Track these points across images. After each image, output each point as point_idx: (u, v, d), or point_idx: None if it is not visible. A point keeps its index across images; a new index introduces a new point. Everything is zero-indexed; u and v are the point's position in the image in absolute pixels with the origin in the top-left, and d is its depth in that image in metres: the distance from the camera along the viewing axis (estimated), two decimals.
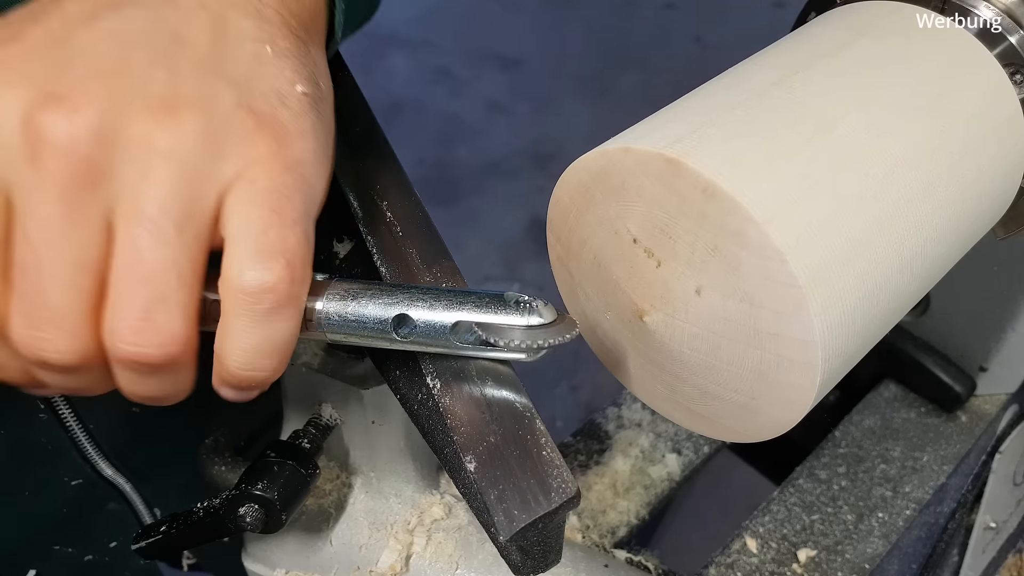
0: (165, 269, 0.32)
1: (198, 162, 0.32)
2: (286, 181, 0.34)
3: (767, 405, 0.39)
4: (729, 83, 0.43)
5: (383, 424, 0.51)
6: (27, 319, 0.33)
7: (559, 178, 0.41)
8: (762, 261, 0.35)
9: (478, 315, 0.37)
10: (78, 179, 0.31)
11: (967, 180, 0.44)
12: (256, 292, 0.33)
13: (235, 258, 0.33)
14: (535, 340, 0.37)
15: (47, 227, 0.31)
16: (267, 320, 0.34)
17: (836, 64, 0.43)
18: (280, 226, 0.33)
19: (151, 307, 0.32)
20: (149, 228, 0.32)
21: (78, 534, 0.63)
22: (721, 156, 0.36)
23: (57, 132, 0.31)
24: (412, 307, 0.37)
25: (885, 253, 0.39)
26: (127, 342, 0.33)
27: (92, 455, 0.60)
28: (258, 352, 0.34)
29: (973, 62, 0.46)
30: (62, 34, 0.32)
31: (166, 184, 0.32)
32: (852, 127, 0.40)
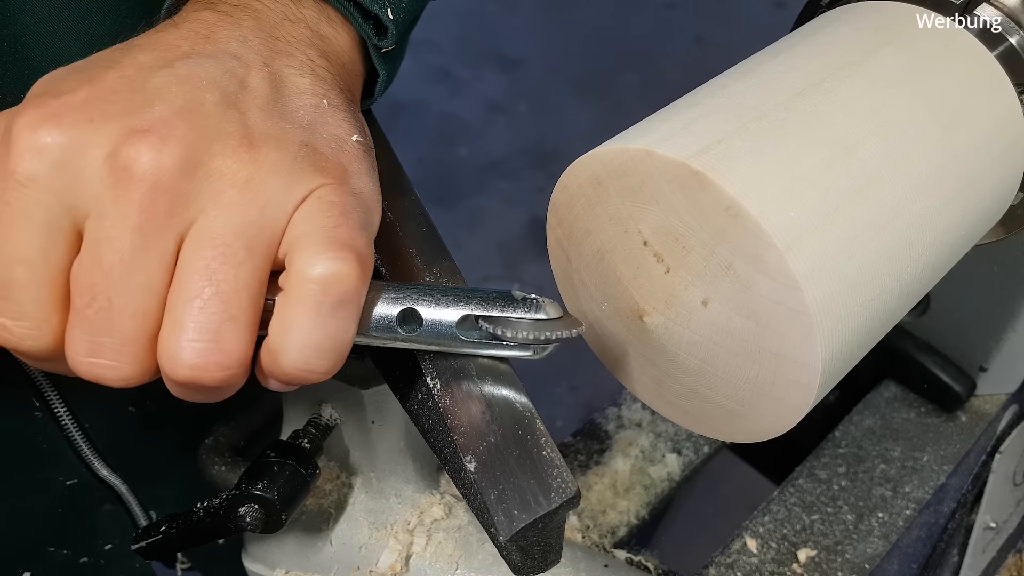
0: (236, 290, 0.33)
1: (272, 191, 0.34)
2: (351, 200, 0.36)
3: (755, 414, 0.39)
4: (751, 85, 0.42)
5: (383, 424, 0.51)
6: (90, 346, 0.34)
7: (571, 165, 0.41)
8: (776, 286, 0.35)
9: (485, 310, 0.37)
10: (159, 209, 0.32)
11: (971, 203, 0.44)
12: (328, 281, 0.33)
13: (305, 252, 0.34)
14: (542, 334, 0.37)
15: (123, 255, 0.32)
16: (332, 315, 0.34)
17: (857, 78, 0.42)
18: (349, 227, 0.35)
19: (221, 327, 0.33)
20: (223, 251, 0.33)
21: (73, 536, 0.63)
22: (747, 174, 0.36)
23: (144, 163, 0.32)
24: (418, 303, 0.37)
25: (888, 280, 0.40)
26: (190, 365, 0.33)
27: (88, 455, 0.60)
28: (317, 350, 0.34)
29: (984, 76, 0.46)
30: (137, 79, 0.34)
31: (241, 211, 0.33)
32: (872, 152, 0.40)
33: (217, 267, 0.33)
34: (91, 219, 0.33)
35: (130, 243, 0.32)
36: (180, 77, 0.35)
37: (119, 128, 0.33)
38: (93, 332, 0.33)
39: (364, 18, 0.42)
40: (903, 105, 0.42)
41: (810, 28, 0.48)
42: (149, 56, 0.35)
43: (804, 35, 0.47)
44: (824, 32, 0.47)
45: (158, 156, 0.32)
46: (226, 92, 0.35)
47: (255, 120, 0.35)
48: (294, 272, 0.34)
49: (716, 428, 0.42)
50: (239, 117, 0.35)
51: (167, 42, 0.36)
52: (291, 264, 0.34)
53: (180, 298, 0.33)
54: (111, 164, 0.32)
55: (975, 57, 0.46)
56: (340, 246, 0.34)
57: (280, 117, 0.36)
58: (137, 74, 0.34)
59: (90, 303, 0.33)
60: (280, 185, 0.34)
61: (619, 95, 2.67)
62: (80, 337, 0.33)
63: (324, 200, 0.35)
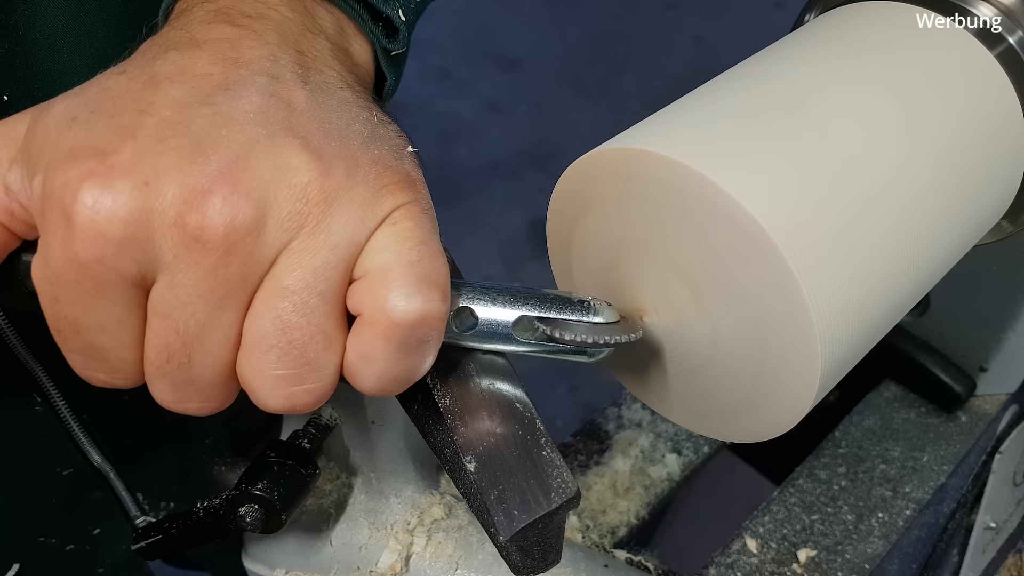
0: (312, 335, 0.33)
1: (344, 227, 0.33)
2: (425, 221, 0.34)
3: (755, 414, 0.40)
4: (751, 86, 0.42)
5: (383, 424, 0.51)
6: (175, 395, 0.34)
7: (571, 165, 0.41)
8: (776, 286, 0.36)
9: (541, 311, 0.37)
10: (231, 272, 0.31)
11: (971, 203, 0.44)
12: (415, 323, 0.33)
13: (389, 289, 0.32)
14: (600, 338, 0.37)
15: (198, 317, 0.32)
16: (416, 351, 0.34)
17: (857, 78, 0.42)
18: (431, 257, 0.33)
19: (301, 372, 0.33)
20: (294, 301, 0.32)
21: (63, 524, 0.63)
22: (747, 176, 0.36)
23: (213, 229, 0.31)
24: (474, 301, 0.37)
25: (888, 280, 0.40)
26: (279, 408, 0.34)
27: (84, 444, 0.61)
28: (396, 382, 0.34)
29: (983, 76, 0.46)
30: (180, 122, 0.32)
31: (310, 257, 0.32)
32: (872, 153, 0.40)
33: (289, 317, 0.32)
34: (161, 285, 0.32)
35: (205, 307, 0.32)
36: (224, 116, 0.32)
37: (178, 189, 0.31)
38: (176, 384, 0.34)
39: (374, 20, 0.42)
40: (903, 106, 0.42)
41: (810, 28, 0.48)
42: (181, 90, 0.33)
43: (804, 36, 0.47)
44: (824, 33, 0.47)
45: (226, 219, 0.31)
46: (276, 119, 0.33)
47: (318, 143, 0.33)
48: (377, 306, 0.33)
49: (716, 428, 0.42)
50: (300, 144, 0.33)
51: (196, 70, 0.34)
52: (371, 297, 0.33)
53: (256, 347, 0.33)
54: (179, 233, 0.31)
55: (975, 57, 0.46)
56: (428, 285, 0.33)
57: (340, 134, 0.34)
58: (178, 115, 0.32)
59: (168, 360, 0.33)
60: (352, 219, 0.33)
61: (619, 95, 2.67)
62: (165, 388, 0.34)
63: (401, 226, 0.33)
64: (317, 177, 0.32)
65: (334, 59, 0.39)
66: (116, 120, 0.32)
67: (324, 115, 0.35)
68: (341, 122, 0.35)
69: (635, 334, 0.37)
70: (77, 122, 0.32)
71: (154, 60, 0.34)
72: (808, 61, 0.44)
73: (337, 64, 0.39)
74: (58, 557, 0.63)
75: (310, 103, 0.35)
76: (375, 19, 0.42)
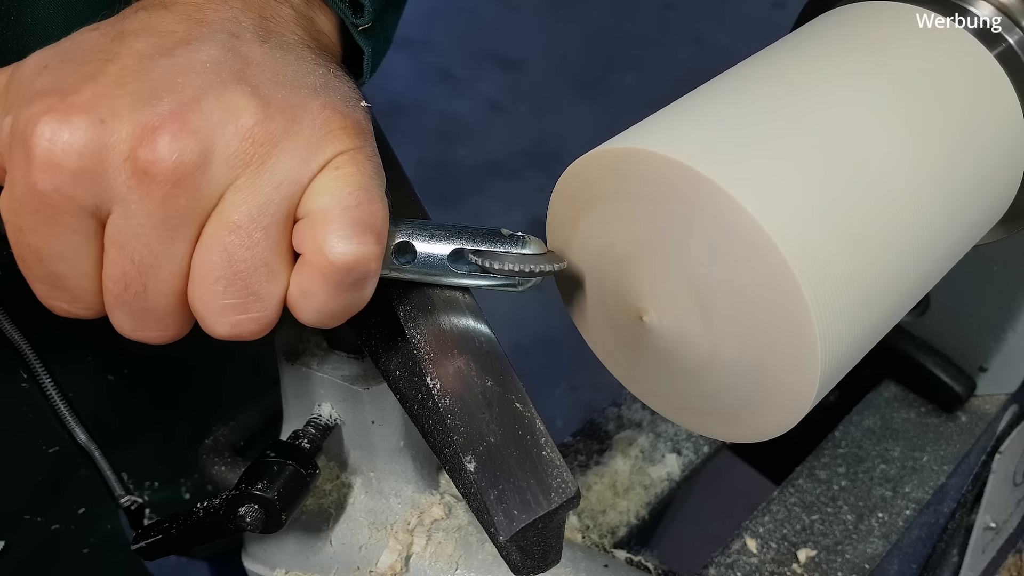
0: (256, 268, 0.35)
1: (288, 167, 0.35)
2: (369, 168, 0.37)
3: (755, 414, 0.40)
4: (751, 86, 0.42)
5: (383, 424, 0.51)
6: (134, 323, 0.37)
7: (571, 164, 0.41)
8: (777, 286, 0.36)
9: (475, 244, 0.39)
10: (181, 204, 0.34)
11: (971, 203, 0.44)
12: (351, 265, 0.35)
13: (328, 230, 0.35)
14: (526, 266, 0.39)
15: (151, 247, 0.34)
16: (351, 291, 0.36)
17: (858, 79, 0.42)
18: (370, 202, 0.36)
19: (246, 302, 0.35)
20: (239, 234, 0.34)
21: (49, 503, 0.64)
22: (747, 176, 0.36)
23: (162, 164, 0.33)
24: (413, 236, 0.39)
25: (888, 280, 0.40)
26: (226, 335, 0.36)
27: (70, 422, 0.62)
28: (333, 315, 0.37)
29: (983, 76, 0.46)
30: (140, 70, 0.34)
31: (255, 194, 0.34)
32: (873, 154, 0.40)
33: (236, 249, 0.34)
34: (116, 216, 0.34)
35: (156, 237, 0.34)
36: (182, 66, 0.35)
37: (131, 127, 0.33)
38: (133, 311, 0.36)
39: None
40: (903, 106, 0.42)
41: (810, 28, 0.48)
42: (145, 44, 0.35)
43: (804, 36, 0.47)
44: (824, 33, 0.47)
45: (175, 155, 0.33)
46: (231, 70, 0.35)
47: (267, 91, 0.35)
48: (316, 247, 0.35)
49: (716, 428, 0.42)
50: (250, 91, 0.35)
51: (161, 27, 0.36)
52: (311, 237, 0.35)
53: (205, 278, 0.35)
54: (131, 167, 0.33)
55: (975, 57, 0.46)
56: (363, 228, 0.35)
57: (292, 83, 0.36)
58: (139, 65, 0.34)
59: (125, 289, 0.35)
60: (295, 160, 0.35)
61: (619, 95, 2.67)
62: (123, 316, 0.36)
63: (344, 171, 0.36)
64: (263, 120, 0.35)
65: (297, 25, 0.40)
66: (82, 68, 0.35)
67: (279, 67, 0.37)
68: (295, 74, 0.37)
69: (560, 264, 0.40)
70: (48, 69, 0.35)
71: (124, 18, 0.37)
72: (808, 61, 0.44)
73: (300, 31, 0.40)
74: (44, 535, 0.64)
75: (266, 57, 0.37)
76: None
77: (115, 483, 0.65)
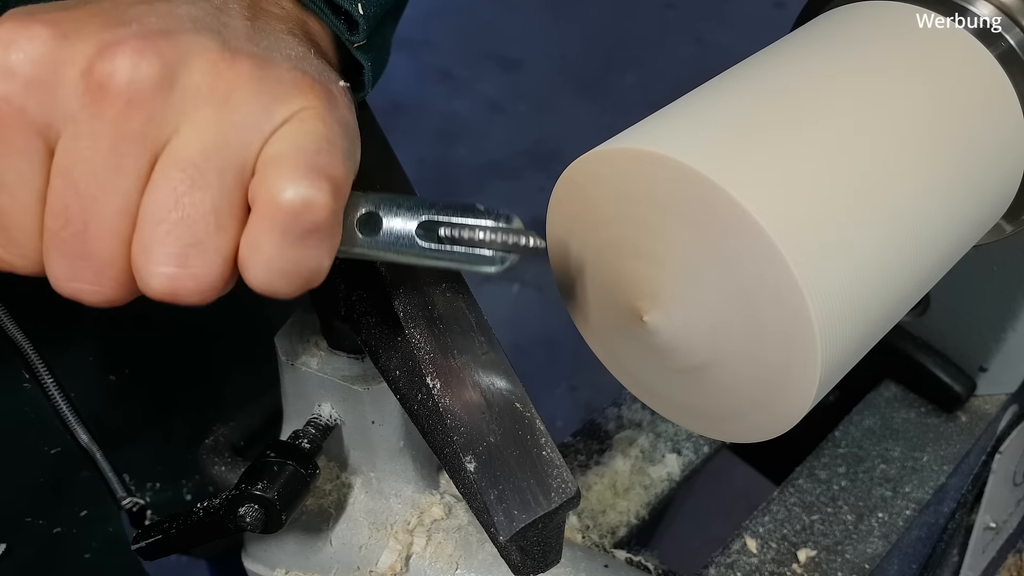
0: (203, 214, 0.32)
1: (250, 110, 0.33)
2: (336, 129, 0.34)
3: (755, 414, 0.40)
4: (751, 86, 0.42)
5: (383, 424, 0.51)
6: (69, 269, 0.33)
7: (571, 164, 0.41)
8: (777, 287, 0.36)
9: (446, 216, 0.36)
10: (132, 127, 0.31)
11: (971, 203, 0.44)
12: (298, 209, 0.32)
13: (279, 173, 0.32)
14: (500, 237, 0.35)
15: (97, 176, 0.32)
16: (300, 243, 0.33)
17: (858, 79, 0.42)
18: (330, 153, 0.33)
19: (188, 252, 0.32)
20: (191, 174, 0.32)
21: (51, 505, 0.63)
22: (748, 176, 0.36)
23: (118, 77, 0.31)
24: (380, 208, 0.36)
25: (888, 280, 0.40)
26: (161, 289, 0.33)
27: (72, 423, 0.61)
28: (282, 274, 0.34)
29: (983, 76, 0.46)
30: (114, 9, 0.33)
31: (214, 132, 0.32)
32: (873, 154, 0.40)
33: (184, 190, 0.32)
34: (64, 139, 0.32)
35: (103, 164, 0.32)
36: (159, 12, 0.33)
37: (94, 43, 0.32)
38: (71, 256, 0.33)
39: (335, 14, 0.42)
40: (904, 106, 0.42)
41: (810, 28, 0.48)
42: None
43: (804, 36, 0.47)
44: (824, 33, 0.47)
45: (133, 70, 0.31)
46: (207, 25, 0.34)
47: (238, 43, 0.34)
48: (265, 192, 0.32)
49: (716, 428, 0.42)
50: (221, 39, 0.33)
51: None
52: (262, 183, 0.33)
53: (148, 220, 0.32)
54: (86, 81, 0.31)
55: (975, 57, 0.46)
56: (318, 173, 0.33)
57: (266, 47, 0.35)
58: (114, 6, 0.33)
59: (65, 226, 0.32)
60: (259, 105, 0.33)
61: (619, 95, 2.67)
62: (58, 261, 0.33)
63: (307, 123, 0.33)
64: (229, 59, 0.33)
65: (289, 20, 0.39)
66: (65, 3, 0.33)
67: (257, 36, 0.35)
68: (272, 44, 0.35)
69: (539, 241, 0.36)
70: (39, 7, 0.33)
71: None
72: (808, 61, 0.44)
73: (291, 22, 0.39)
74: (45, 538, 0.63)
75: (246, 28, 0.35)
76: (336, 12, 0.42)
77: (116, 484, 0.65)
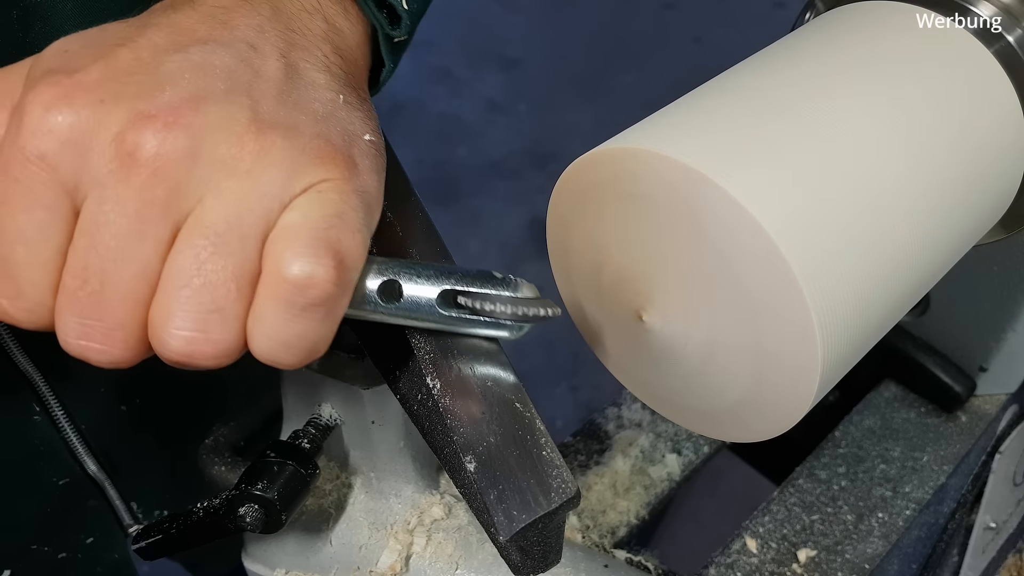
0: (225, 281, 0.33)
1: (272, 181, 0.34)
2: (352, 200, 0.35)
3: (755, 414, 0.40)
4: (751, 86, 0.42)
5: (383, 424, 0.51)
6: (80, 328, 0.34)
7: (571, 164, 0.41)
8: (777, 287, 0.36)
9: (464, 286, 0.38)
10: (158, 196, 0.32)
11: (971, 203, 0.44)
12: (302, 283, 0.33)
13: (286, 246, 0.33)
14: (519, 310, 0.37)
15: (119, 240, 0.33)
16: (303, 316, 0.34)
17: (858, 79, 0.42)
18: (340, 228, 0.34)
19: (208, 318, 0.33)
20: (215, 241, 0.33)
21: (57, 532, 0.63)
22: (748, 176, 0.36)
23: (147, 149, 0.32)
24: (400, 276, 0.37)
25: (888, 280, 0.40)
26: (178, 352, 0.34)
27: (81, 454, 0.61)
28: (284, 345, 0.34)
29: (983, 75, 0.46)
30: (151, 61, 0.34)
31: (236, 201, 0.33)
32: (872, 153, 0.40)
33: (207, 257, 0.33)
34: (90, 201, 0.33)
35: (127, 229, 0.32)
36: (194, 64, 0.34)
37: (128, 111, 0.33)
38: (84, 315, 0.33)
39: (378, 7, 0.42)
40: (904, 106, 0.42)
41: (810, 28, 0.48)
42: (164, 38, 0.35)
43: (804, 36, 0.47)
44: (824, 33, 0.47)
45: (161, 143, 0.32)
46: (239, 80, 0.35)
47: (267, 108, 0.35)
48: (272, 264, 0.33)
49: (716, 428, 0.42)
50: (250, 104, 0.34)
51: (184, 25, 0.36)
52: (271, 254, 0.34)
53: (170, 285, 0.33)
54: (116, 147, 0.32)
55: (975, 57, 0.46)
56: (325, 249, 0.33)
57: (294, 107, 0.36)
58: (151, 56, 0.34)
59: (82, 286, 0.33)
60: (281, 175, 0.34)
61: (619, 95, 2.67)
62: (71, 319, 0.34)
63: (324, 195, 0.34)
64: (256, 130, 0.34)
65: (326, 41, 0.40)
66: (97, 51, 0.34)
67: (287, 87, 0.36)
68: (301, 99, 0.36)
69: (554, 310, 0.38)
70: (67, 52, 0.34)
71: (152, 13, 0.37)
72: (808, 61, 0.44)
73: (328, 47, 0.39)
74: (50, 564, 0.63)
75: (278, 75, 0.36)
76: (379, 6, 0.42)
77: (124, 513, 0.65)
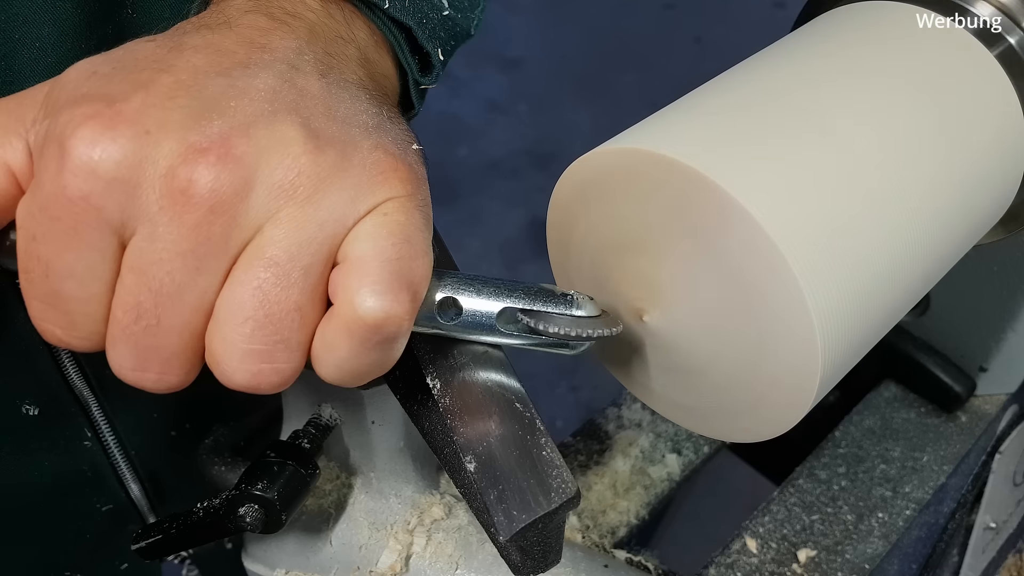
0: (289, 311, 0.32)
1: (334, 205, 0.32)
2: (418, 218, 0.34)
3: (756, 414, 0.40)
4: (752, 87, 0.42)
5: (383, 424, 0.51)
6: (136, 360, 0.33)
7: (571, 164, 0.41)
8: (778, 287, 0.36)
9: (525, 304, 0.37)
10: (214, 232, 0.31)
11: (971, 203, 0.44)
12: (379, 323, 0.32)
13: (361, 282, 0.32)
14: (582, 331, 0.37)
15: (174, 276, 0.31)
16: (377, 349, 0.33)
17: (858, 79, 0.42)
18: (411, 257, 0.33)
19: (274, 349, 0.32)
20: (276, 272, 0.32)
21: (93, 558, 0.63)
22: (748, 176, 0.36)
23: (202, 186, 0.31)
24: (459, 292, 0.37)
25: (888, 280, 0.40)
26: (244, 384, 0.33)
27: (128, 480, 0.60)
28: (354, 374, 0.34)
29: (983, 76, 0.46)
30: (193, 85, 0.32)
31: (297, 230, 0.32)
32: (873, 153, 0.40)
33: (270, 288, 0.32)
34: (140, 238, 0.31)
35: (182, 265, 0.31)
36: (238, 88, 0.33)
37: (177, 143, 0.31)
38: (139, 347, 0.33)
39: (412, 52, 0.42)
40: (904, 106, 0.42)
41: (810, 29, 0.48)
42: (203, 60, 0.34)
43: (804, 36, 0.47)
44: (824, 33, 0.47)
45: (216, 179, 0.31)
46: (284, 100, 0.34)
47: (319, 124, 0.34)
48: (345, 298, 0.32)
49: (716, 428, 0.42)
50: (301, 122, 0.33)
51: (222, 46, 0.35)
52: (343, 287, 0.33)
53: (232, 318, 0.32)
54: (167, 184, 0.31)
55: (975, 57, 0.46)
56: (400, 283, 0.33)
57: (344, 121, 0.35)
58: (193, 80, 0.33)
59: (136, 320, 0.32)
60: (343, 199, 0.33)
61: (619, 95, 2.67)
62: (125, 351, 0.33)
63: (390, 219, 0.33)
64: (312, 151, 0.33)
65: (358, 66, 0.39)
66: (134, 75, 0.32)
67: (333, 103, 0.35)
68: (349, 112, 0.35)
69: (616, 328, 0.38)
70: (97, 75, 0.32)
71: (185, 33, 0.35)
72: (808, 62, 0.44)
73: (360, 71, 0.39)
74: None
75: (322, 92, 0.35)
76: (413, 51, 0.42)
77: None
